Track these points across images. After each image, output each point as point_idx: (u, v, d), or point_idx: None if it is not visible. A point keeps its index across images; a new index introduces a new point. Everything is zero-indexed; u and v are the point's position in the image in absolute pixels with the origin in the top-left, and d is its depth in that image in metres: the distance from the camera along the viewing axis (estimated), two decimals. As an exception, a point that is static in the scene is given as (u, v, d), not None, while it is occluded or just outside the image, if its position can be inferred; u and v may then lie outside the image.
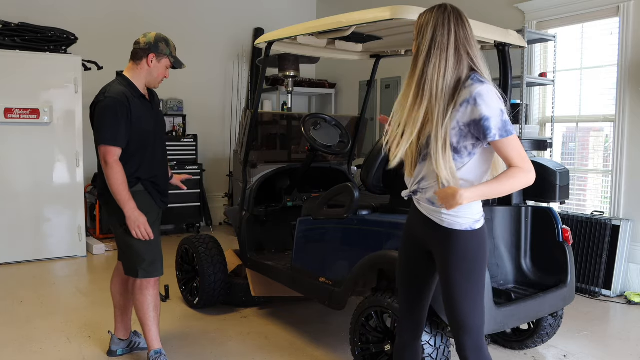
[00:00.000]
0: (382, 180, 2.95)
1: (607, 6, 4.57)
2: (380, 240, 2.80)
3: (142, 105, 2.93)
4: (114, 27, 6.67)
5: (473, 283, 1.95)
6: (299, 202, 4.00)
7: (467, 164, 1.90)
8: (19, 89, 5.30)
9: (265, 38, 3.63)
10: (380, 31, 3.44)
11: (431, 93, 1.87)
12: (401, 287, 2.18)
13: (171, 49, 2.97)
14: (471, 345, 1.97)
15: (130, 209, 2.81)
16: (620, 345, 3.51)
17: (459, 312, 1.96)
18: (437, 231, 1.97)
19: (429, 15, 1.92)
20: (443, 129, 1.85)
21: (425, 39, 1.90)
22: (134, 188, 2.89)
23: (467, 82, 1.87)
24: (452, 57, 1.87)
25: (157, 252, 2.98)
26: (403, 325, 2.20)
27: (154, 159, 2.99)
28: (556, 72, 5.08)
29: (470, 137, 1.87)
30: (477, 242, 1.95)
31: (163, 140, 3.14)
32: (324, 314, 3.95)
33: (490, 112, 1.82)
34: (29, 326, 3.72)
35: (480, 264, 1.97)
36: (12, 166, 5.37)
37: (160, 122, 3.13)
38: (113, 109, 2.79)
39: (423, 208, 2.01)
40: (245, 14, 7.52)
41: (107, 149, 2.78)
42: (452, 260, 1.94)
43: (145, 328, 3.00)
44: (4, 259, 5.35)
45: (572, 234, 3.62)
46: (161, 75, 2.98)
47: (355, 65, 6.59)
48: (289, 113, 5.68)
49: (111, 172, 2.78)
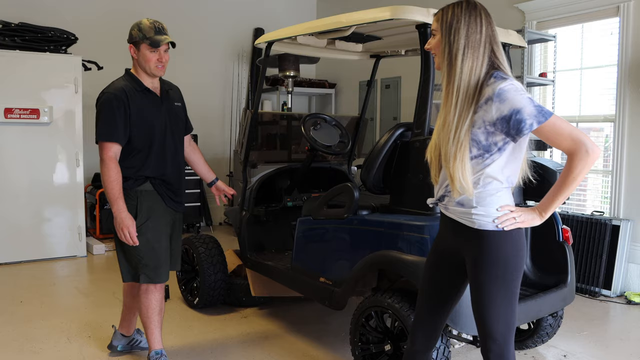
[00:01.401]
0: (382, 180, 2.95)
1: (607, 6, 4.57)
2: (380, 240, 2.80)
3: (146, 99, 2.84)
4: (114, 27, 6.66)
5: (503, 289, 1.85)
6: (299, 202, 4.00)
7: (496, 160, 1.82)
8: (19, 89, 5.30)
9: (265, 38, 3.63)
10: (380, 31, 3.44)
11: (460, 93, 1.81)
12: (424, 299, 2.09)
13: (145, 31, 2.78)
14: (495, 351, 1.89)
15: (118, 209, 2.72)
16: (620, 345, 3.51)
17: (484, 318, 1.88)
18: (469, 234, 1.88)
19: (457, 12, 1.83)
20: (462, 130, 1.79)
21: (459, 37, 1.81)
22: (141, 186, 2.82)
23: (489, 80, 1.80)
24: (482, 56, 1.82)
25: (161, 257, 2.87)
26: (418, 334, 2.11)
27: (163, 155, 2.88)
28: (556, 72, 5.09)
29: (498, 134, 1.79)
30: (512, 245, 1.85)
31: (176, 137, 2.99)
32: (324, 314, 3.95)
33: (519, 104, 1.74)
34: (29, 326, 3.72)
35: (513, 269, 1.86)
36: (12, 166, 5.37)
37: (174, 117, 2.97)
38: (109, 105, 2.74)
39: (452, 212, 1.93)
40: (245, 14, 7.52)
41: (102, 144, 2.74)
42: (483, 263, 1.85)
43: (147, 330, 2.97)
44: (4, 259, 5.35)
45: (572, 234, 3.62)
46: (150, 61, 2.79)
47: (355, 65, 6.59)
48: (289, 113, 5.69)
49: (104, 169, 2.73)
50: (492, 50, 1.84)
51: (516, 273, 1.87)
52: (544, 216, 1.88)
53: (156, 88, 2.92)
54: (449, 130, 1.82)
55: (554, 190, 1.86)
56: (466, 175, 1.80)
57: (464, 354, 3.28)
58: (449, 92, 1.83)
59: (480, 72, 1.81)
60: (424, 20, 2.73)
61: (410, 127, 2.89)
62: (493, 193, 1.85)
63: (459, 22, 1.82)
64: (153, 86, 2.90)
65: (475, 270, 1.88)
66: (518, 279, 1.89)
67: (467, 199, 1.86)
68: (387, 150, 2.90)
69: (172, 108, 2.98)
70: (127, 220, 2.74)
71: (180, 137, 3.04)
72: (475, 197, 1.85)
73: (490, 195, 1.85)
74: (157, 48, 2.79)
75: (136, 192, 2.84)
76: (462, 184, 1.81)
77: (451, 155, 1.81)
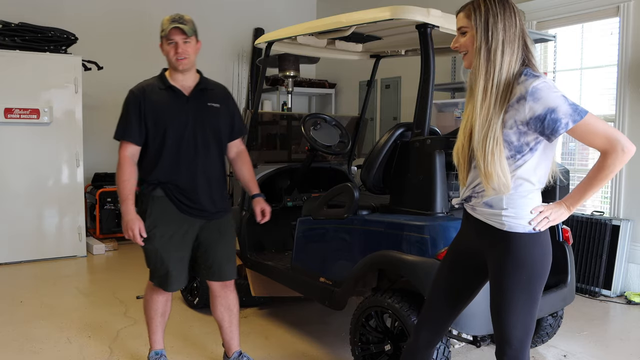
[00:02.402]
0: (382, 180, 2.95)
1: (607, 6, 4.56)
2: (380, 240, 2.80)
3: (167, 97, 2.71)
4: (114, 27, 6.67)
5: (526, 294, 1.80)
6: (299, 202, 3.99)
7: (528, 161, 1.78)
8: (19, 89, 5.30)
9: (265, 38, 3.63)
10: (380, 31, 3.44)
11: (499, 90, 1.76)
12: (435, 297, 2.05)
13: (163, 25, 2.69)
14: (510, 356, 1.85)
15: (125, 209, 2.66)
16: (620, 345, 3.51)
17: (503, 322, 1.83)
18: (495, 236, 1.82)
19: (491, 6, 1.78)
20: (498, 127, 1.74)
21: (497, 32, 1.76)
22: (153, 192, 2.72)
23: (520, 77, 1.75)
24: (517, 50, 1.77)
25: (169, 267, 2.74)
26: (422, 331, 2.08)
27: (177, 158, 2.71)
28: (556, 72, 5.09)
29: (531, 133, 1.75)
30: (540, 249, 1.81)
31: (201, 139, 2.75)
32: (324, 314, 3.95)
33: (554, 102, 1.69)
34: (29, 326, 3.72)
35: (539, 274, 1.81)
36: (12, 166, 5.37)
37: (203, 118, 2.75)
38: (126, 103, 2.71)
39: (479, 213, 1.88)
40: (245, 14, 7.51)
41: (120, 143, 2.71)
42: (509, 266, 1.79)
43: (150, 329, 2.95)
44: (4, 259, 5.35)
45: (572, 234, 3.62)
46: (170, 54, 2.68)
47: (355, 65, 6.58)
48: (289, 113, 5.69)
49: (117, 167, 2.69)
50: (525, 43, 1.80)
51: (542, 279, 1.83)
52: (571, 210, 1.84)
53: (187, 87, 2.76)
54: (487, 128, 1.76)
55: (584, 185, 1.81)
56: (506, 172, 1.75)
57: (464, 354, 3.28)
58: (487, 89, 1.76)
59: (515, 67, 1.77)
60: (424, 20, 2.72)
61: (410, 127, 2.88)
62: (525, 195, 1.81)
63: (496, 17, 1.77)
64: (183, 84, 2.75)
65: (499, 274, 1.83)
66: (542, 285, 1.84)
67: (497, 200, 1.81)
68: (387, 150, 2.90)
69: (203, 108, 2.77)
70: (133, 221, 2.66)
71: (209, 140, 2.78)
72: (506, 198, 1.80)
73: (522, 197, 1.80)
74: (171, 38, 2.66)
75: (148, 198, 2.75)
76: (502, 180, 1.75)
77: (489, 153, 1.74)
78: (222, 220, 2.88)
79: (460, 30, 1.85)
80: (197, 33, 2.74)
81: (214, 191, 2.81)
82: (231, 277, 2.94)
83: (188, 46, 2.69)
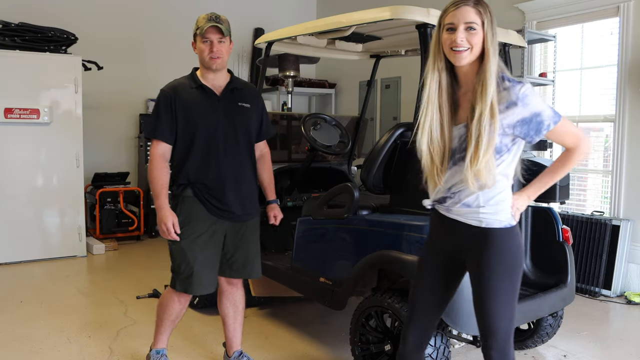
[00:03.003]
0: (382, 180, 2.95)
1: (607, 6, 4.57)
2: (380, 240, 2.80)
3: (198, 96, 2.71)
4: (114, 27, 6.67)
5: (508, 284, 1.90)
6: (299, 202, 4.00)
7: (505, 161, 1.88)
8: (19, 89, 5.30)
9: (265, 38, 3.63)
10: (380, 31, 3.44)
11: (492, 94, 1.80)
12: (418, 301, 2.09)
13: (199, 23, 2.70)
14: (496, 348, 1.91)
15: (159, 205, 2.66)
16: (620, 345, 3.51)
17: (489, 314, 1.91)
18: (474, 233, 1.90)
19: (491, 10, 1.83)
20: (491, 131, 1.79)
21: (496, 37, 1.83)
22: (182, 193, 2.71)
23: (504, 82, 1.83)
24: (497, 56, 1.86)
25: (194, 268, 2.70)
26: (410, 336, 2.11)
27: (207, 159, 2.70)
28: (556, 72, 5.09)
29: (511, 135, 1.85)
30: (515, 242, 1.91)
31: (231, 140, 2.74)
32: (324, 314, 3.95)
33: (539, 107, 1.82)
34: (29, 326, 3.72)
35: (518, 264, 1.92)
36: (12, 166, 5.36)
37: (234, 119, 2.75)
38: (157, 102, 2.72)
39: (455, 213, 1.94)
40: (245, 14, 7.51)
41: (152, 141, 2.73)
42: (490, 259, 1.88)
43: (157, 329, 2.94)
44: (4, 259, 5.35)
45: (572, 234, 3.62)
46: (203, 52, 2.68)
47: (355, 65, 6.58)
48: (289, 113, 5.69)
49: (150, 165, 2.70)
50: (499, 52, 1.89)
51: (520, 268, 1.93)
52: (531, 199, 1.99)
53: (218, 86, 2.75)
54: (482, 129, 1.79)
55: (546, 177, 1.97)
56: (494, 169, 1.83)
57: (464, 354, 3.28)
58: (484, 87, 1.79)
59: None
60: (424, 20, 2.73)
61: (410, 127, 2.88)
62: (500, 192, 1.89)
63: (494, 23, 1.84)
64: (214, 84, 2.75)
65: (481, 269, 1.90)
66: (520, 275, 1.95)
67: (473, 199, 1.88)
68: (387, 150, 2.90)
69: (234, 108, 2.77)
70: (167, 217, 2.65)
71: (239, 140, 2.77)
72: (483, 196, 1.87)
73: (498, 194, 1.88)
74: (207, 37, 2.66)
75: (177, 198, 2.74)
76: (490, 177, 1.82)
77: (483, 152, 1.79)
78: (250, 222, 2.87)
79: (469, 25, 1.81)
80: (231, 34, 2.76)
81: (243, 192, 2.80)
82: (255, 275, 2.97)
83: (222, 46, 2.70)
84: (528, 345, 3.31)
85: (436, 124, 1.89)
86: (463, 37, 1.81)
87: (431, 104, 1.89)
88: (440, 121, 1.88)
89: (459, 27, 1.81)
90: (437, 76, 1.88)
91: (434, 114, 1.88)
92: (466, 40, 1.81)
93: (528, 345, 3.31)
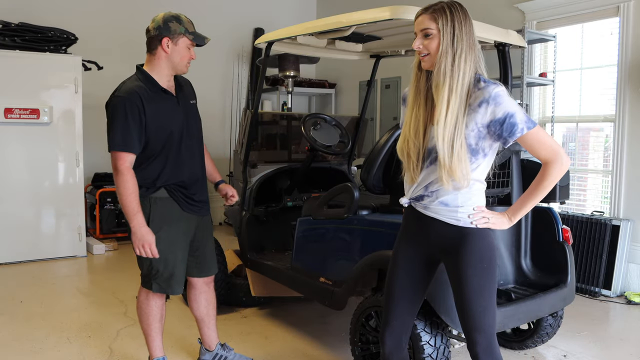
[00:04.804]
0: (382, 180, 2.95)
1: (607, 6, 4.57)
2: (380, 240, 2.80)
3: (162, 101, 2.61)
4: (114, 27, 6.67)
5: (488, 281, 1.94)
6: (299, 202, 4.00)
7: (481, 164, 1.92)
8: (19, 89, 5.30)
9: (265, 38, 3.63)
10: (380, 31, 3.44)
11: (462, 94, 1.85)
12: (394, 302, 2.10)
13: (185, 24, 2.59)
14: (483, 344, 1.95)
15: (137, 224, 2.52)
16: (620, 345, 3.51)
17: (472, 312, 1.94)
18: (452, 232, 1.95)
19: (455, 12, 1.87)
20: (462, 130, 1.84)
21: (462, 39, 1.85)
22: (155, 194, 2.63)
23: (479, 83, 1.87)
24: (475, 58, 1.88)
25: (174, 268, 2.70)
26: (387, 338, 2.12)
27: (180, 160, 2.67)
28: (556, 72, 5.08)
29: (488, 138, 1.88)
30: (489, 240, 1.96)
31: (195, 138, 2.77)
32: (324, 314, 3.95)
33: (512, 109, 1.84)
34: (29, 326, 3.72)
35: (494, 262, 1.97)
36: (12, 166, 5.37)
37: (191, 118, 2.75)
38: (122, 110, 2.49)
39: (433, 211, 1.97)
40: (245, 14, 7.52)
41: (117, 154, 2.51)
42: (469, 258, 1.92)
43: (148, 338, 2.89)
44: (4, 259, 5.35)
45: (572, 234, 3.62)
46: (185, 57, 2.62)
47: (355, 65, 6.59)
48: (289, 113, 5.69)
49: (120, 180, 2.50)
50: (476, 53, 1.90)
51: (495, 264, 1.99)
52: (513, 221, 2.00)
53: (171, 86, 2.70)
54: (453, 128, 1.84)
55: (525, 197, 1.97)
56: (468, 168, 1.87)
57: (464, 354, 3.28)
58: (452, 91, 1.85)
59: (472, 73, 1.88)
60: (424, 20, 2.72)
61: (410, 127, 2.88)
62: (475, 193, 1.95)
63: (460, 24, 1.86)
64: (169, 84, 2.68)
65: (461, 266, 1.94)
66: (496, 270, 2.00)
67: (452, 198, 1.93)
68: (387, 150, 2.90)
69: (187, 106, 2.75)
70: (148, 235, 2.55)
71: (199, 137, 2.82)
72: (461, 196, 1.92)
73: (474, 195, 1.95)
74: (200, 45, 2.65)
75: (149, 200, 2.63)
76: (464, 176, 1.86)
77: (456, 151, 1.84)
78: (209, 216, 2.94)
79: (425, 32, 1.91)
80: None
81: (204, 185, 2.88)
82: (215, 272, 3.02)
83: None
84: (528, 345, 3.31)
85: (414, 123, 1.96)
86: (419, 44, 1.93)
87: (410, 104, 1.99)
88: (416, 120, 1.96)
89: (417, 34, 1.94)
90: (417, 78, 2.00)
91: (413, 113, 1.97)
92: (423, 47, 1.92)
93: (528, 345, 3.31)
